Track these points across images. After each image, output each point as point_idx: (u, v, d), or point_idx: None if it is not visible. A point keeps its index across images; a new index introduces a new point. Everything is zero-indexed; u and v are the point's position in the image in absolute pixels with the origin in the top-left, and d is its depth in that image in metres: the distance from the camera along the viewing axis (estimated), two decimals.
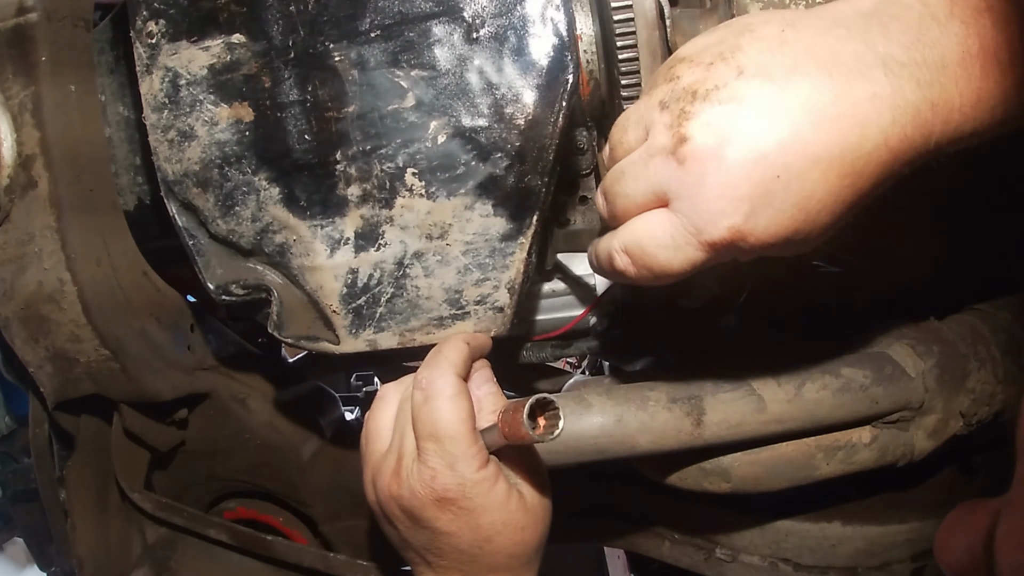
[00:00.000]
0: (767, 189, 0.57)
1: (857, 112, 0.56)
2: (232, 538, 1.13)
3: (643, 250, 0.64)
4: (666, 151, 0.60)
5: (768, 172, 0.57)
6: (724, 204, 0.58)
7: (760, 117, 0.57)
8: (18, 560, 1.73)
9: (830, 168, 0.57)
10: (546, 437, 0.66)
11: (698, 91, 0.59)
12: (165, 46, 0.81)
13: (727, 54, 0.60)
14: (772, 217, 0.58)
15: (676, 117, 0.60)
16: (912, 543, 1.09)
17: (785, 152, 0.57)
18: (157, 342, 1.01)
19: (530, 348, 1.05)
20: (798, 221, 0.59)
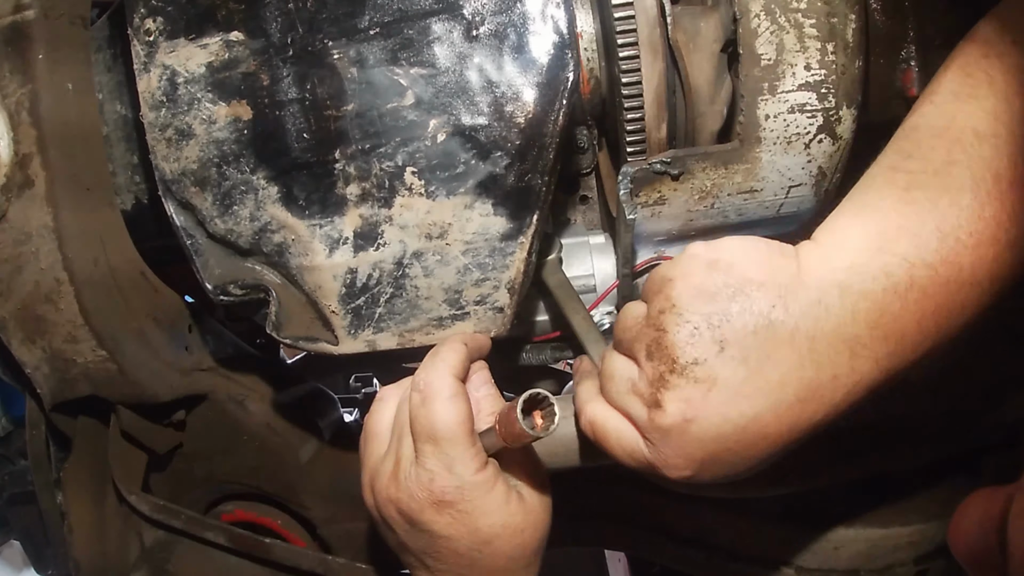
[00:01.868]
0: (717, 457, 0.64)
1: (815, 395, 0.62)
2: (230, 541, 1.12)
3: (606, 438, 0.70)
4: (644, 401, 0.66)
5: (721, 446, 0.63)
6: (679, 462, 0.65)
7: (727, 403, 0.62)
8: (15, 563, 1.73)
9: (776, 441, 0.63)
10: (541, 433, 0.67)
11: (678, 360, 0.63)
12: (163, 44, 0.81)
13: (714, 322, 0.63)
14: (716, 471, 0.66)
15: (656, 379, 0.64)
16: (915, 546, 1.09)
17: (741, 433, 0.63)
18: (155, 343, 1.00)
19: (530, 350, 1.04)
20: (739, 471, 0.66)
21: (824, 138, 0.78)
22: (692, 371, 0.62)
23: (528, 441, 0.69)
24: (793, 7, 0.74)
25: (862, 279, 0.61)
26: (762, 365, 0.61)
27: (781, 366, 0.61)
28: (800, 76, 0.75)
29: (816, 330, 0.61)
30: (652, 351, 0.65)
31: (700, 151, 0.79)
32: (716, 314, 0.63)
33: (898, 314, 0.60)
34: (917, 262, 0.60)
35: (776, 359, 0.61)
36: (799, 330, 0.61)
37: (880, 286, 0.60)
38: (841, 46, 0.75)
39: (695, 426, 0.63)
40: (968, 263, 0.60)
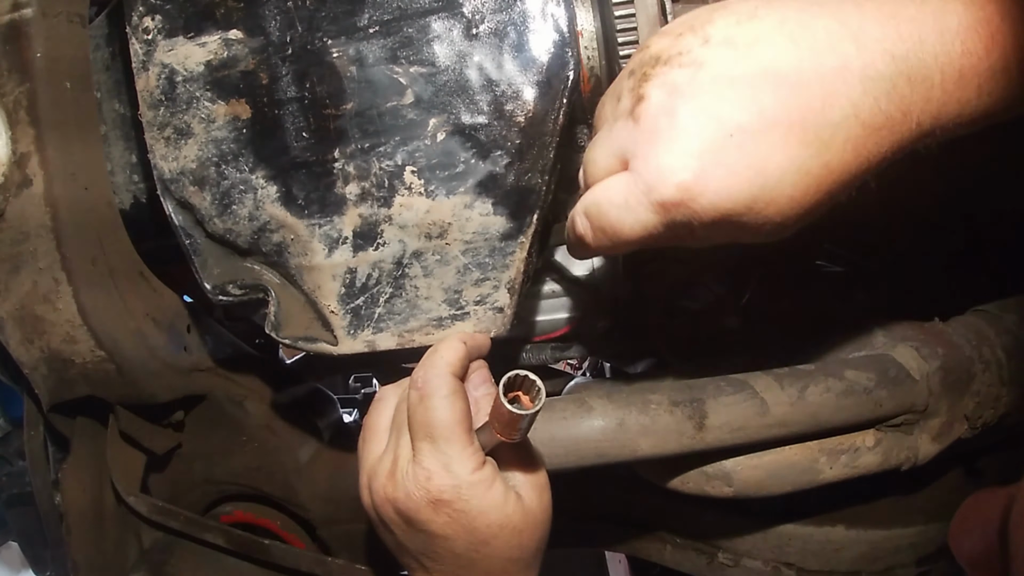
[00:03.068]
0: (719, 147, 0.56)
1: (822, 81, 0.55)
2: (229, 542, 1.12)
3: (599, 210, 0.63)
4: (627, 112, 0.61)
5: (720, 130, 0.56)
6: (673, 160, 0.57)
7: (717, 79, 0.57)
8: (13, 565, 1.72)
9: (789, 133, 0.56)
10: (530, 410, 0.66)
11: (661, 56, 0.59)
12: (161, 42, 0.80)
13: (697, 26, 0.59)
14: (723, 178, 0.57)
15: (639, 80, 0.60)
16: (916, 547, 1.08)
17: (739, 111, 0.56)
18: (153, 343, 1.00)
19: (530, 350, 1.04)
20: (754, 186, 0.57)
21: None
22: (677, 59, 0.58)
23: (521, 425, 0.68)
24: None
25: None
26: (752, 49, 0.56)
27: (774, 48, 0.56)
28: None
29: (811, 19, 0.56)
30: (634, 68, 0.61)
31: None
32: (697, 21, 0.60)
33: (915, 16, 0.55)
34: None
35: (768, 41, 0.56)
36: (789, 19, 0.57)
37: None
38: None
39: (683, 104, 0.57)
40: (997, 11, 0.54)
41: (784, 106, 0.55)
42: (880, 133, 0.56)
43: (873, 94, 0.55)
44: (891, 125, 0.56)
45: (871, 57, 0.55)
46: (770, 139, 0.56)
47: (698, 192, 0.57)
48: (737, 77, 0.56)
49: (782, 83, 0.56)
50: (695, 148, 0.57)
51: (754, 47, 0.57)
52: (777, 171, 0.56)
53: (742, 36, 0.57)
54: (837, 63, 0.55)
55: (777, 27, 0.57)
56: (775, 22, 0.57)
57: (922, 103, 0.56)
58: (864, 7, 0.56)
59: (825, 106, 0.55)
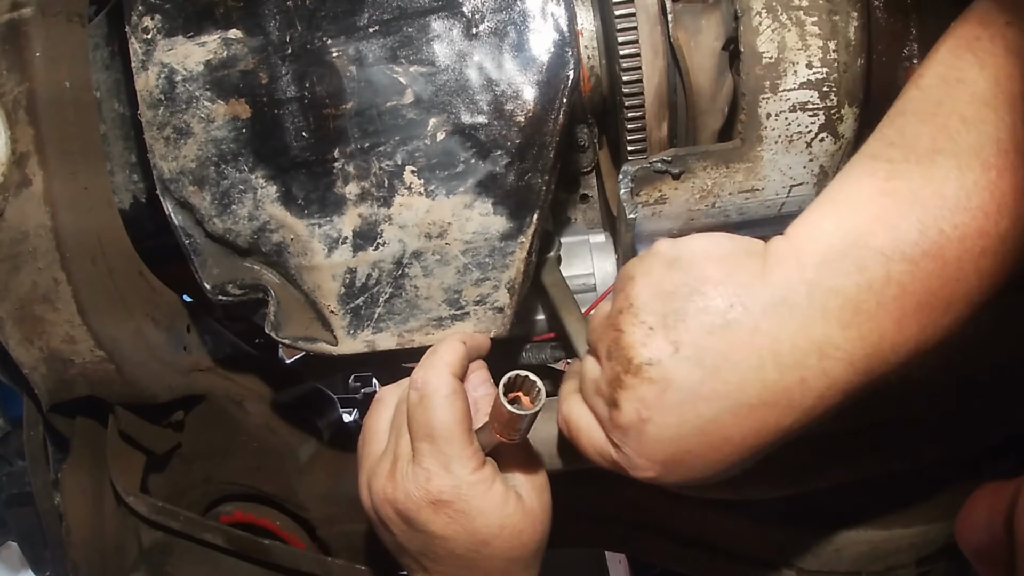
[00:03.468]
0: (679, 459, 0.63)
1: (781, 399, 0.59)
2: (229, 542, 1.12)
3: (578, 435, 0.70)
4: (605, 399, 0.66)
5: (681, 448, 0.62)
6: (642, 462, 0.64)
7: (682, 404, 0.61)
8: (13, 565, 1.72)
9: (742, 445, 0.62)
10: (529, 411, 0.67)
11: (633, 361, 0.62)
12: (161, 42, 0.80)
13: (669, 322, 0.61)
14: (683, 475, 0.64)
15: (613, 379, 0.64)
16: (917, 547, 1.08)
17: (701, 436, 0.61)
18: (153, 343, 1.00)
19: (530, 349, 1.04)
20: (707, 476, 0.65)
21: (826, 137, 0.77)
22: (647, 371, 0.61)
23: (520, 425, 0.68)
24: (795, 5, 0.74)
25: (833, 275, 0.58)
26: (719, 366, 0.59)
27: (740, 368, 0.59)
28: (802, 74, 0.75)
29: (780, 330, 0.58)
30: (611, 351, 0.64)
31: (701, 150, 0.78)
32: (671, 314, 0.61)
33: (874, 312, 0.57)
34: (895, 256, 0.56)
35: (734, 360, 0.59)
36: (759, 331, 0.58)
37: (853, 282, 0.57)
38: (843, 44, 0.74)
39: (652, 426, 0.62)
40: (953, 257, 0.56)
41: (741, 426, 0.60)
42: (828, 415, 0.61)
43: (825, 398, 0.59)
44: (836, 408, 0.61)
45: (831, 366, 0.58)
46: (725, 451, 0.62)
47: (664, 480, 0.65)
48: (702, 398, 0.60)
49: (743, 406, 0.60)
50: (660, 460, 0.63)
51: (722, 367, 0.59)
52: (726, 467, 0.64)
53: (712, 351, 0.60)
54: (798, 378, 0.58)
55: (748, 343, 0.59)
56: (746, 336, 0.59)
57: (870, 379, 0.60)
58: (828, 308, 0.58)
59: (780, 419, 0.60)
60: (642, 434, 0.62)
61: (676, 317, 0.61)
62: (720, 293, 0.60)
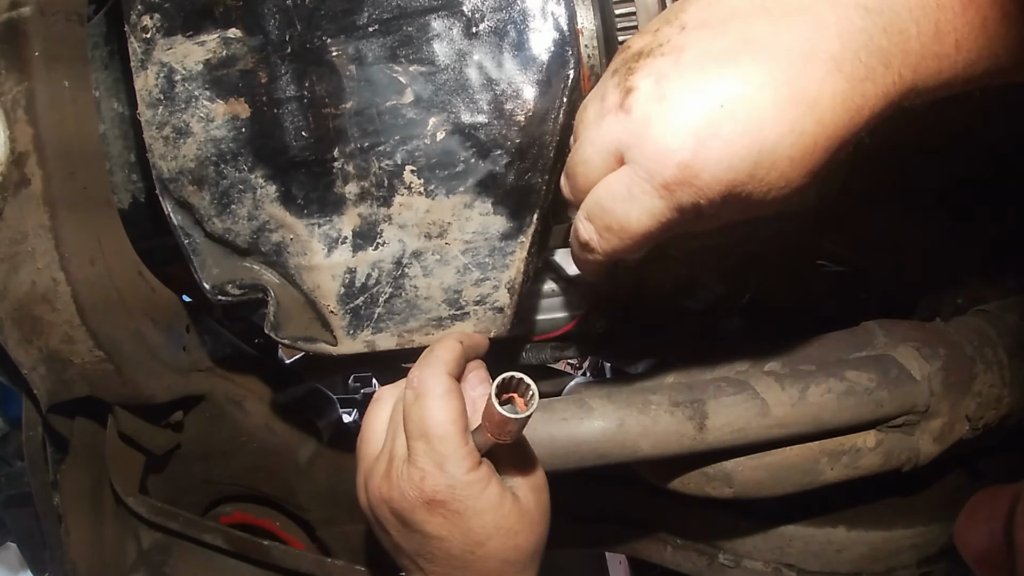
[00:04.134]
0: (712, 120, 0.56)
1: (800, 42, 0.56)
2: (228, 543, 1.12)
3: (603, 210, 0.62)
4: (615, 107, 0.60)
5: (710, 103, 0.56)
6: (670, 140, 0.57)
7: (699, 58, 0.57)
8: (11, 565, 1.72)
9: (777, 94, 0.56)
10: (522, 414, 0.66)
11: (643, 51, 0.60)
12: (160, 41, 0.80)
13: (671, 17, 0.61)
14: (722, 149, 0.56)
15: (624, 75, 0.60)
16: (918, 548, 1.08)
17: (725, 82, 0.56)
18: (152, 343, 1.00)
19: (530, 349, 1.03)
20: (752, 152, 0.56)
21: None
22: (658, 49, 0.59)
23: (512, 428, 0.68)
24: None
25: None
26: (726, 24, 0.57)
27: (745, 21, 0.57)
28: None
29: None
30: (617, 67, 0.62)
31: None
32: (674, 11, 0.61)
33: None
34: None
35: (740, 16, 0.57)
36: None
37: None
38: None
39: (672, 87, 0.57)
40: None
41: (768, 70, 0.56)
42: (864, 85, 0.56)
43: (852, 47, 0.55)
44: (873, 77, 0.56)
45: (844, 12, 0.55)
46: (760, 103, 0.56)
47: (699, 167, 0.57)
48: (718, 52, 0.57)
49: (761, 49, 0.56)
50: (689, 125, 0.57)
51: (729, 22, 0.57)
52: (773, 134, 0.56)
53: (715, 15, 0.58)
54: (812, 23, 0.55)
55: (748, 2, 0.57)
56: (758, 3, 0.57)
57: (901, 55, 0.56)
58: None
59: (807, 65, 0.55)
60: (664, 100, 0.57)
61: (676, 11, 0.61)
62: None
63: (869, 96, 0.57)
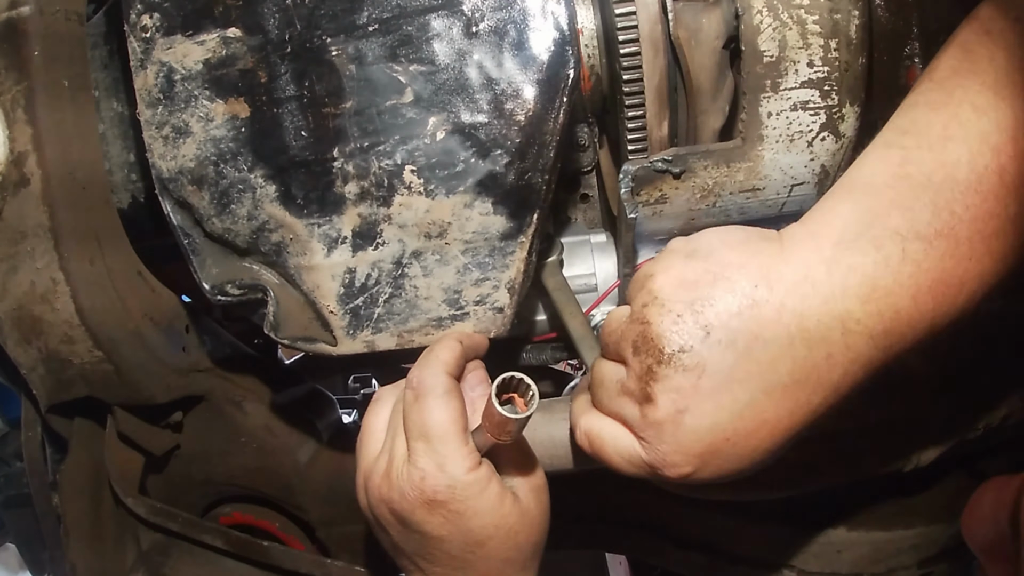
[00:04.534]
0: (716, 449, 0.62)
1: (811, 376, 0.60)
2: (228, 544, 1.12)
3: (602, 447, 0.69)
4: (634, 399, 0.64)
5: (719, 436, 0.62)
6: (678, 459, 0.63)
7: (719, 389, 0.61)
8: (10, 566, 1.72)
9: (776, 428, 0.62)
10: (522, 415, 0.66)
11: (664, 350, 0.62)
12: (160, 40, 0.80)
13: (697, 307, 0.61)
14: (718, 467, 0.64)
15: (644, 372, 0.63)
16: (918, 549, 1.08)
17: (736, 420, 0.61)
18: (152, 343, 1.00)
19: (530, 350, 1.03)
20: (743, 467, 0.64)
21: (827, 136, 0.77)
22: (680, 359, 0.61)
23: (511, 428, 0.68)
24: (796, 3, 0.74)
25: (851, 253, 0.59)
26: (751, 347, 0.60)
27: (771, 346, 0.59)
28: (803, 73, 0.75)
29: (804, 307, 0.59)
30: (638, 346, 0.64)
31: (702, 149, 0.78)
32: (698, 300, 0.62)
33: (891, 288, 0.58)
34: (910, 235, 0.58)
35: (765, 339, 0.60)
36: (785, 307, 0.59)
37: (870, 259, 0.59)
38: (844, 42, 0.74)
39: (689, 416, 0.61)
40: (965, 237, 0.58)
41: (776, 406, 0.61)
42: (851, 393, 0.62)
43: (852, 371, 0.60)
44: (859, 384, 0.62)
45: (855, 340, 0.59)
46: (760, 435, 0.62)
47: (695, 478, 0.64)
48: (736, 382, 0.60)
49: (776, 387, 0.60)
50: (696, 452, 0.63)
51: (753, 347, 0.60)
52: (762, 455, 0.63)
53: (743, 332, 0.60)
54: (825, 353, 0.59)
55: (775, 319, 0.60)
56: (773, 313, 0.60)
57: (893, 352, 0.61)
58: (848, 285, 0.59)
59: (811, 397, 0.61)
60: (679, 426, 0.62)
61: (703, 303, 0.61)
62: (743, 275, 0.61)
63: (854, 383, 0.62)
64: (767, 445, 0.62)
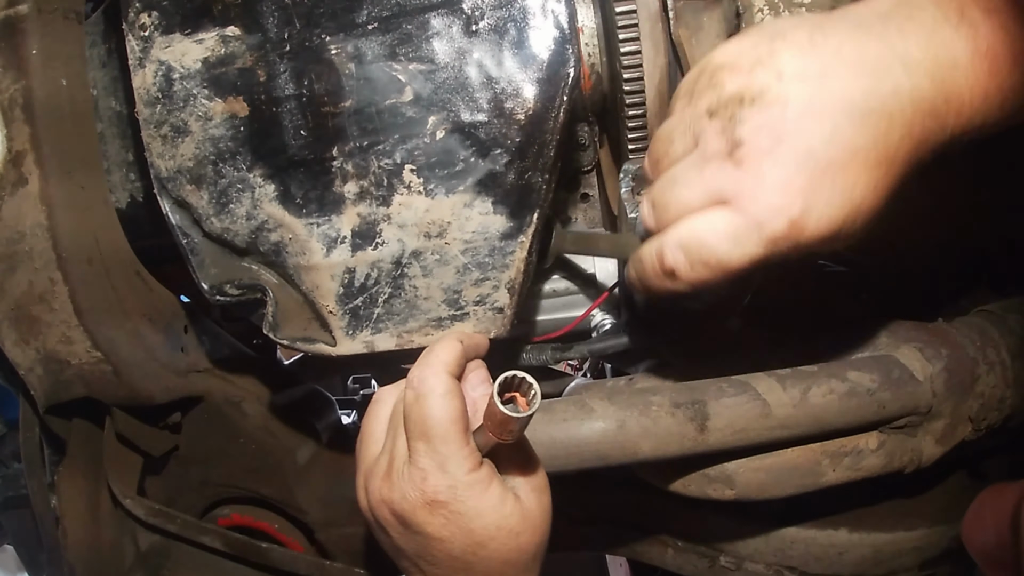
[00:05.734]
0: (818, 183, 0.61)
1: (884, 106, 0.61)
2: (226, 545, 1.11)
3: (703, 244, 0.65)
4: (722, 155, 0.63)
5: (817, 167, 0.61)
6: (782, 199, 0.62)
7: (804, 117, 0.61)
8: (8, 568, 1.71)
9: (867, 159, 0.61)
10: (525, 413, 0.66)
11: (744, 96, 0.62)
12: (158, 39, 0.80)
13: (765, 59, 0.63)
14: (824, 209, 0.62)
15: (728, 122, 0.63)
16: (920, 551, 1.07)
17: (829, 147, 0.61)
18: (150, 344, 0.99)
19: (530, 350, 1.03)
20: (846, 210, 0.62)
21: None
22: (762, 98, 0.61)
23: (513, 427, 0.67)
24: (797, 2, 0.73)
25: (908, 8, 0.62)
26: (823, 78, 0.61)
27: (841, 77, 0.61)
28: None
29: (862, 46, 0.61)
30: (714, 108, 0.64)
31: None
32: (764, 54, 0.63)
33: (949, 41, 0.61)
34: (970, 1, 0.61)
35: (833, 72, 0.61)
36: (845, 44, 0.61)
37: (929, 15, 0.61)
38: None
39: (785, 147, 0.61)
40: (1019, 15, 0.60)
41: (859, 134, 0.61)
42: (927, 144, 0.63)
43: (921, 113, 0.61)
44: (933, 137, 0.63)
45: (918, 80, 0.61)
46: (854, 167, 0.61)
47: (804, 224, 0.62)
48: (818, 111, 0.61)
49: (853, 112, 0.61)
50: (799, 187, 0.61)
51: (825, 80, 0.61)
52: (861, 195, 0.62)
53: (810, 68, 0.62)
54: (891, 87, 0.61)
55: (836, 56, 0.62)
56: (833, 50, 0.62)
57: (955, 118, 0.62)
58: (906, 31, 0.61)
59: (889, 128, 0.61)
60: (777, 158, 0.61)
61: (768, 53, 0.63)
62: (799, 30, 0.63)
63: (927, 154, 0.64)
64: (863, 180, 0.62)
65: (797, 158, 0.61)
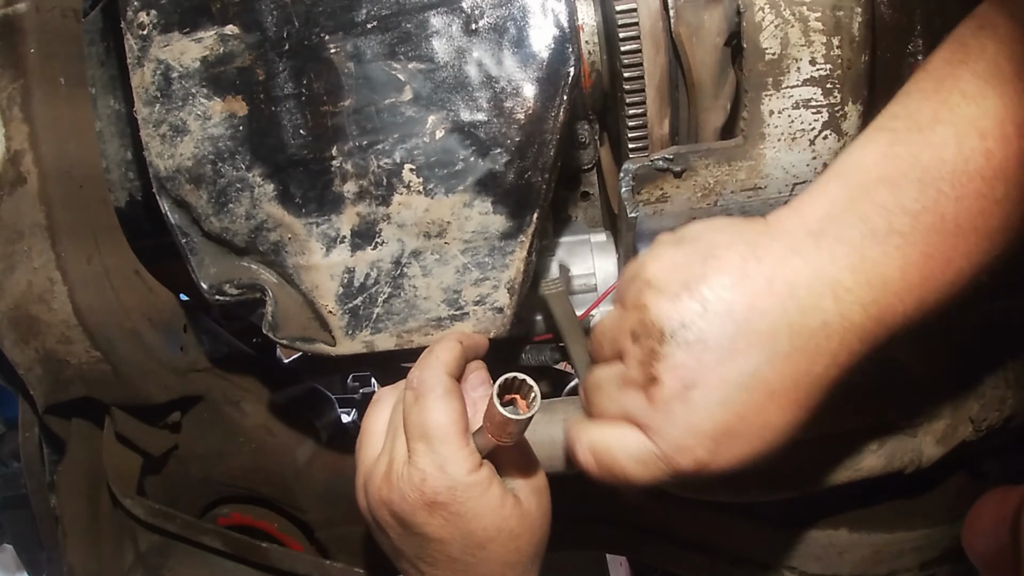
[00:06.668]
0: (729, 427, 0.61)
1: (809, 343, 0.60)
2: (226, 545, 1.11)
3: (612, 458, 0.66)
4: (638, 385, 0.64)
5: (731, 412, 0.61)
6: (691, 442, 0.62)
7: (724, 361, 0.60)
8: (8, 568, 1.71)
9: (785, 400, 0.61)
10: (524, 415, 0.66)
11: (665, 330, 0.62)
12: (157, 37, 0.80)
13: (692, 285, 0.62)
14: (734, 450, 0.62)
15: (646, 355, 0.63)
16: (920, 551, 1.07)
17: (745, 393, 0.61)
18: (149, 343, 0.99)
19: (530, 350, 1.03)
20: (757, 448, 0.63)
21: (829, 134, 0.77)
22: (682, 335, 0.61)
23: (513, 429, 0.67)
24: (798, 0, 0.73)
25: (837, 226, 0.60)
26: (748, 317, 0.60)
27: (767, 315, 0.60)
28: (805, 71, 0.74)
29: (794, 276, 0.60)
30: (637, 333, 0.64)
31: (703, 147, 0.78)
32: (692, 279, 0.62)
33: (878, 259, 0.59)
34: (896, 209, 0.59)
35: (760, 309, 0.60)
36: (776, 277, 0.60)
37: (857, 232, 0.59)
38: (847, 40, 0.74)
39: (697, 392, 0.61)
40: (951, 215, 0.58)
41: (780, 377, 0.60)
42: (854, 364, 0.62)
43: (848, 343, 0.60)
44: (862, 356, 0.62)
45: (847, 309, 0.59)
46: (771, 410, 0.61)
47: (712, 463, 0.62)
48: (740, 353, 0.60)
49: (776, 353, 0.60)
50: (709, 431, 0.61)
51: (751, 317, 0.60)
52: (774, 435, 0.62)
53: (737, 304, 0.61)
54: (820, 321, 0.60)
55: (767, 288, 0.60)
56: (765, 281, 0.60)
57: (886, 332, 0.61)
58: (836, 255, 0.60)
59: (811, 365, 0.60)
60: (689, 403, 0.61)
61: (696, 280, 0.62)
62: (732, 252, 0.62)
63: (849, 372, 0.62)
64: (777, 422, 0.62)
65: (710, 405, 0.61)
